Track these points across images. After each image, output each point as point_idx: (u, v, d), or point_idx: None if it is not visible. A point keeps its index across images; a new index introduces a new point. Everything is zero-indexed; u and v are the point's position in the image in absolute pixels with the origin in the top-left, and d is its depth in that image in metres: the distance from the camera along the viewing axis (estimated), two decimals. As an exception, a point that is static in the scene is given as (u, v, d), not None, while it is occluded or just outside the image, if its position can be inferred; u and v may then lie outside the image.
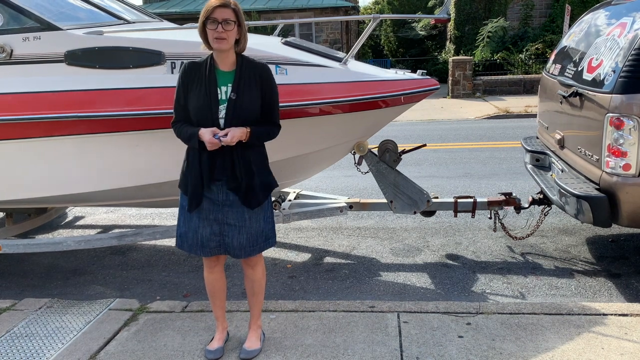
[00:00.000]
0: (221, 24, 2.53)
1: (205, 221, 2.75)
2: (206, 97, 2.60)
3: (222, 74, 2.65)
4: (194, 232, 2.76)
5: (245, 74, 2.65)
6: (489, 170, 7.34)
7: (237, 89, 2.62)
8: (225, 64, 2.66)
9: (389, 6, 27.99)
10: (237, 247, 2.77)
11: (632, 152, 3.26)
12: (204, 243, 2.77)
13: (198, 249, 2.79)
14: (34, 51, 3.62)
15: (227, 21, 2.54)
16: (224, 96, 2.63)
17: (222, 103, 2.62)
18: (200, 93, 2.61)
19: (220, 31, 2.53)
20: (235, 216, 2.73)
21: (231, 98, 2.62)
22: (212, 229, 2.75)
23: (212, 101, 2.61)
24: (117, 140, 3.64)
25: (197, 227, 2.75)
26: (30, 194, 3.91)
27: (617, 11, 3.93)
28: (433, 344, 2.97)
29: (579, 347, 2.88)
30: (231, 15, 2.56)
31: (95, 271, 4.55)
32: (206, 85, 2.61)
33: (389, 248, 4.78)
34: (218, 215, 2.74)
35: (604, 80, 3.46)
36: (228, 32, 2.55)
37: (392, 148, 4.29)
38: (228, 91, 2.63)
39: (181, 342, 3.08)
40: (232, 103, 2.61)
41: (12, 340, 3.18)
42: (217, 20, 2.53)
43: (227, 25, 2.54)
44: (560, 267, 4.27)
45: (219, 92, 2.63)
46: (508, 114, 12.82)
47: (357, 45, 3.87)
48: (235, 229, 2.75)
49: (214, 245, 2.78)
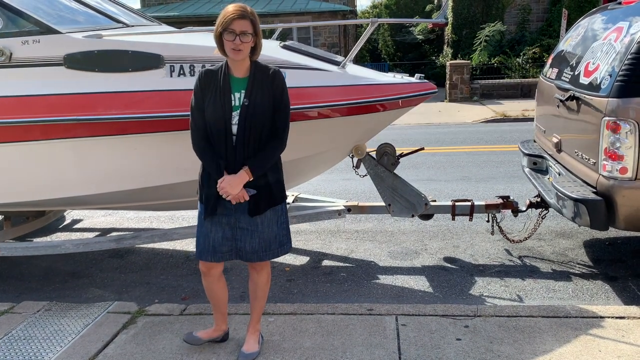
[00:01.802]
0: (239, 36, 2.54)
1: (218, 225, 2.76)
2: (220, 104, 2.62)
3: (235, 81, 2.67)
4: (205, 237, 2.77)
5: (258, 80, 2.67)
6: (487, 173, 7.36)
7: (250, 95, 2.64)
8: (239, 70, 2.67)
9: (387, 10, 28.11)
10: (249, 251, 2.78)
11: (629, 156, 3.28)
12: (216, 248, 2.77)
13: (209, 254, 2.78)
14: (33, 54, 3.62)
15: (245, 33, 2.55)
16: (237, 102, 2.65)
17: (236, 109, 2.64)
18: (215, 100, 2.63)
19: (237, 43, 2.54)
20: (247, 220, 2.75)
21: (244, 104, 2.63)
22: (224, 234, 2.76)
23: (225, 108, 2.63)
24: (115, 143, 3.64)
25: (209, 231, 2.76)
26: (28, 197, 3.92)
27: (614, 16, 3.96)
28: (431, 346, 2.97)
29: (576, 350, 2.89)
30: (249, 27, 2.56)
31: (93, 274, 4.54)
32: (220, 92, 2.63)
33: (387, 251, 4.79)
34: (230, 220, 2.75)
35: (600, 84, 3.48)
36: (245, 44, 2.56)
37: (390, 151, 4.30)
38: (241, 97, 2.65)
39: (180, 345, 3.07)
40: (244, 109, 2.63)
41: (11, 343, 3.18)
42: (234, 33, 2.53)
43: (245, 37, 2.55)
44: (557, 270, 4.28)
45: (232, 99, 2.65)
46: (505, 118, 12.87)
47: (355, 49, 3.88)
48: (247, 233, 2.76)
49: (226, 250, 2.78)
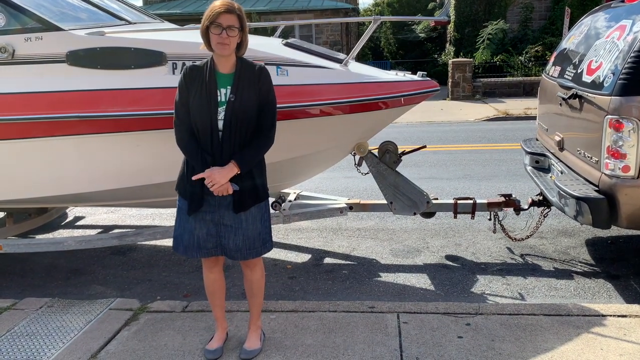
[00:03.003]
0: (225, 30, 2.54)
1: (202, 222, 2.75)
2: (206, 100, 2.62)
3: (221, 77, 2.67)
4: (190, 233, 2.77)
5: (244, 76, 2.67)
6: (489, 171, 7.35)
7: (236, 91, 2.64)
8: (225, 66, 2.68)
9: (389, 8, 28.04)
10: (233, 249, 2.77)
11: (631, 154, 3.27)
12: (201, 244, 2.77)
13: (195, 250, 2.79)
14: (36, 51, 3.63)
15: (231, 27, 2.55)
16: (223, 98, 2.65)
17: (222, 105, 2.64)
18: (201, 95, 2.63)
19: (224, 37, 2.55)
20: (231, 217, 2.74)
21: (230, 100, 2.63)
22: (208, 230, 2.75)
23: (211, 103, 2.62)
24: (118, 140, 3.64)
25: (194, 228, 2.76)
26: (31, 194, 3.92)
27: (617, 14, 3.95)
28: (433, 344, 2.98)
29: (578, 348, 2.89)
30: (235, 21, 2.57)
31: (95, 271, 4.55)
32: (206, 88, 2.63)
33: (389, 249, 4.79)
34: (214, 216, 2.74)
35: (603, 83, 3.48)
36: (231, 38, 2.57)
37: (392, 149, 4.30)
38: (227, 93, 2.64)
39: (182, 342, 3.09)
40: (230, 105, 2.63)
41: (13, 339, 3.19)
42: (221, 26, 2.54)
43: (231, 32, 2.56)
44: (559, 268, 4.28)
45: (218, 94, 2.64)
46: (508, 116, 12.84)
47: (357, 46, 3.88)
48: (231, 230, 2.75)
49: (211, 246, 2.79)
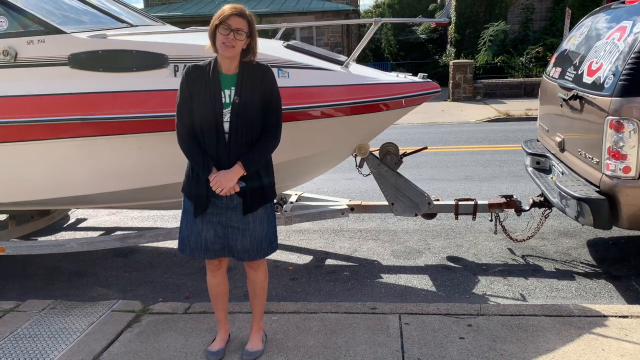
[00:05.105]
0: (233, 32, 2.54)
1: (209, 224, 2.75)
2: (211, 102, 2.60)
3: (225, 77, 2.66)
4: (197, 235, 2.77)
5: (248, 76, 2.66)
6: (490, 173, 7.35)
7: (240, 92, 2.63)
8: (228, 67, 2.66)
9: (390, 10, 28.05)
10: (241, 250, 2.78)
11: (632, 155, 3.28)
12: (208, 246, 2.77)
13: (202, 252, 2.79)
14: (38, 54, 3.64)
15: (239, 31, 2.55)
16: (227, 99, 2.63)
17: (227, 107, 2.63)
18: (205, 97, 2.61)
19: (230, 38, 2.54)
20: (239, 219, 2.74)
21: (235, 102, 2.62)
22: (215, 232, 2.76)
23: (216, 105, 2.61)
24: (120, 143, 3.66)
25: (201, 230, 2.76)
26: (33, 196, 3.94)
27: (617, 15, 3.96)
28: (434, 345, 2.98)
29: (580, 349, 2.90)
30: (245, 26, 2.57)
31: (98, 273, 4.57)
32: (210, 90, 2.61)
33: (390, 250, 4.80)
34: (222, 218, 2.74)
35: (604, 84, 3.48)
36: (237, 41, 2.56)
37: (393, 151, 4.31)
38: (232, 94, 2.63)
39: (184, 343, 3.10)
40: (235, 107, 2.62)
41: (16, 341, 3.20)
42: (230, 28, 2.54)
43: (239, 35, 2.56)
44: (560, 269, 4.28)
45: (222, 96, 2.63)
46: (509, 117, 12.83)
47: (358, 48, 3.88)
48: (239, 232, 2.75)
49: (218, 248, 2.79)
